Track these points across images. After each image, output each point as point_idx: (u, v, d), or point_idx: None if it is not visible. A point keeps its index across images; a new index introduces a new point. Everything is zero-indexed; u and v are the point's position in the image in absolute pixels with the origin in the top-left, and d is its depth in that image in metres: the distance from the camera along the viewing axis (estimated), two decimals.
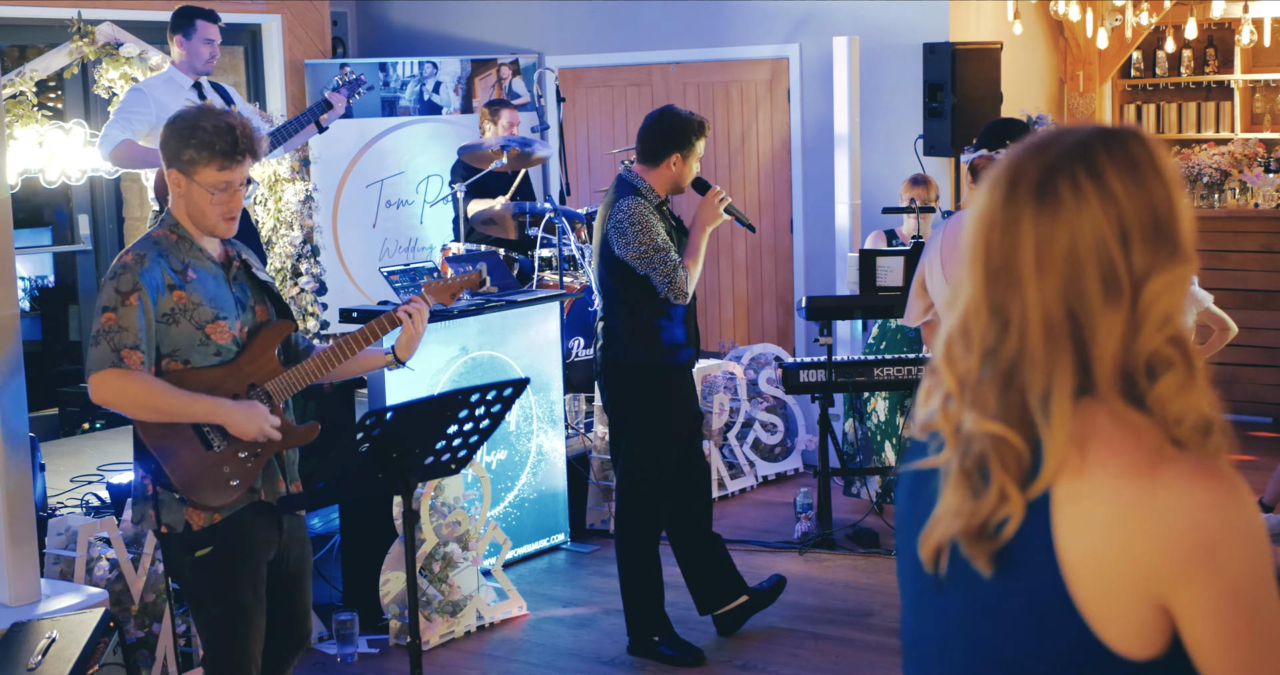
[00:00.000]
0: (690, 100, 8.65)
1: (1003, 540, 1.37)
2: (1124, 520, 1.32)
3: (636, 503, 4.88)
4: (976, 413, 1.39)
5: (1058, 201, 1.36)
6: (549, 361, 6.05)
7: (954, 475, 1.41)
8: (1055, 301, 1.36)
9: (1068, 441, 1.35)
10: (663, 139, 4.75)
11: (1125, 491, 1.32)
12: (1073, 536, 1.34)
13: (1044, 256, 1.36)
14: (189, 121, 3.29)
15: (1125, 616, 1.33)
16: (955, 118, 7.25)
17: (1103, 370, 1.36)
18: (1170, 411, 1.35)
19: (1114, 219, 1.35)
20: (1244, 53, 9.07)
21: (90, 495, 5.60)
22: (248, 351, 3.39)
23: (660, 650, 4.88)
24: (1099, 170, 1.36)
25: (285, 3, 8.62)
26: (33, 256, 8.29)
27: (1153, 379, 1.36)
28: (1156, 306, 1.35)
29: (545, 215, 6.93)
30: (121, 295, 3.24)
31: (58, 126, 6.40)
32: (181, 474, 3.28)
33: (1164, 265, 1.36)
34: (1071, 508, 1.34)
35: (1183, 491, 1.31)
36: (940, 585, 1.46)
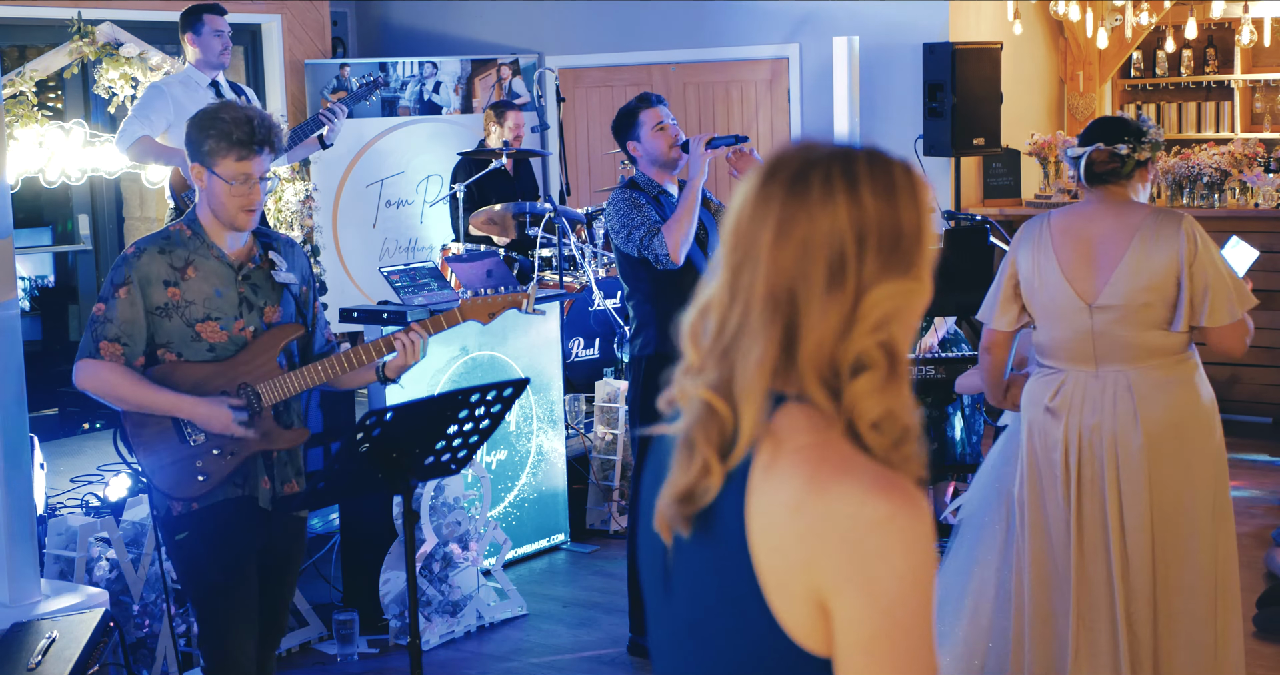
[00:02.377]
0: (690, 100, 8.65)
1: (700, 505, 1.43)
2: (798, 518, 1.37)
3: None
4: (697, 381, 1.46)
5: (807, 192, 1.43)
6: (549, 361, 6.05)
7: (678, 446, 1.47)
8: (781, 277, 1.42)
9: (760, 413, 1.41)
10: (616, 136, 4.81)
11: (804, 491, 1.37)
12: (759, 520, 1.39)
13: (781, 235, 1.43)
14: (209, 113, 3.37)
15: (797, 609, 1.38)
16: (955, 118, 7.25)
17: (806, 353, 1.42)
18: (859, 408, 1.41)
19: (855, 221, 1.42)
20: (1244, 53, 9.07)
21: (90, 495, 5.59)
22: (247, 351, 3.41)
23: None
24: (855, 177, 1.44)
25: (285, 3, 8.63)
26: (33, 256, 8.29)
27: (854, 377, 1.42)
28: (876, 310, 1.41)
29: (545, 215, 6.93)
30: (114, 287, 3.36)
31: (58, 126, 6.40)
32: (152, 462, 3.39)
33: (893, 277, 1.42)
34: (762, 492, 1.40)
35: (853, 501, 1.36)
36: (668, 565, 1.52)
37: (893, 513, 1.36)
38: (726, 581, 1.42)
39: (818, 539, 1.36)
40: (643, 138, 4.74)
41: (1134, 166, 3.73)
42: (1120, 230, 3.66)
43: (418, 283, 5.51)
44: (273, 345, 3.44)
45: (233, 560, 3.42)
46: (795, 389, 1.43)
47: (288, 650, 4.97)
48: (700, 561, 1.46)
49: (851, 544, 1.35)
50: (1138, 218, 3.68)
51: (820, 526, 1.36)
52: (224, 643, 3.42)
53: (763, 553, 1.39)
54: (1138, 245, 3.64)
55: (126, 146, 5.98)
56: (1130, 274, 3.63)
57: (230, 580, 3.41)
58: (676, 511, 1.46)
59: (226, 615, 3.42)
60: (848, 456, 1.40)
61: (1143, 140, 3.73)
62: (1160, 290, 3.62)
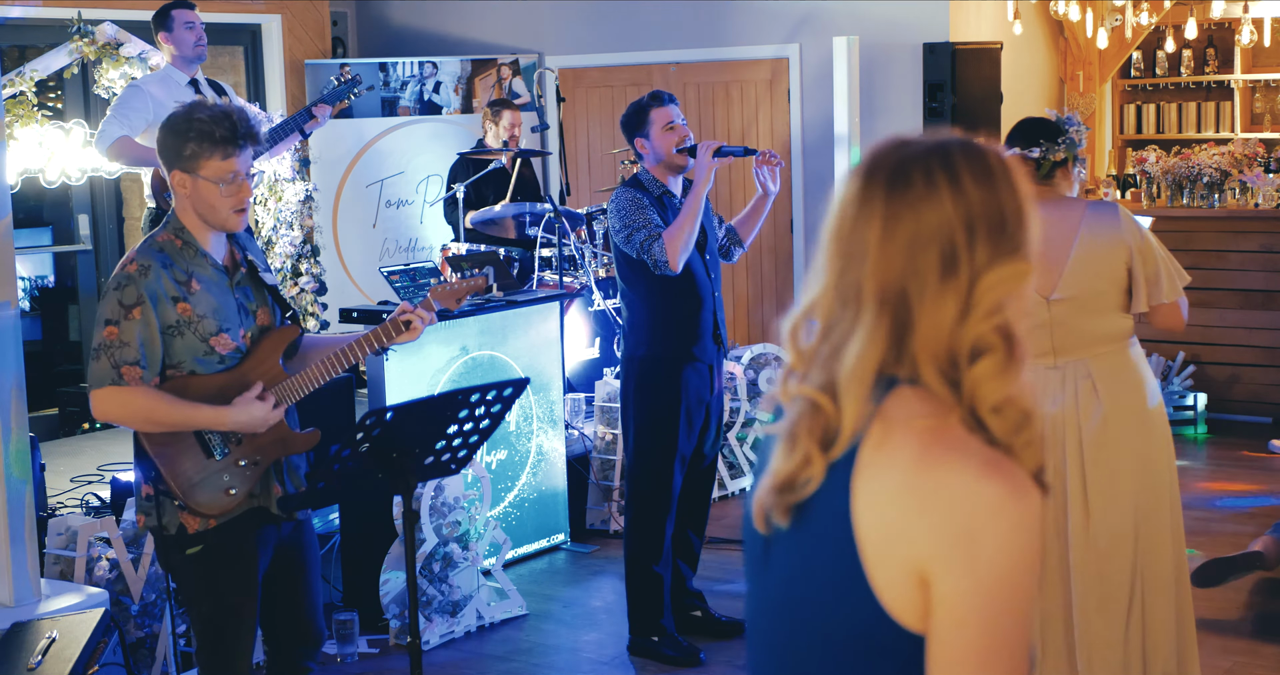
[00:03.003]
0: (690, 100, 8.65)
1: (802, 495, 1.47)
2: (907, 494, 1.40)
3: (636, 501, 4.88)
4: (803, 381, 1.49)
5: (909, 188, 1.46)
6: (549, 361, 6.05)
7: (778, 443, 1.50)
8: (892, 275, 1.44)
9: (863, 406, 1.43)
10: (624, 131, 4.80)
11: (914, 468, 1.40)
12: (865, 504, 1.42)
13: (889, 233, 1.45)
14: (183, 117, 3.24)
15: (897, 584, 1.41)
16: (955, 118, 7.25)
17: (923, 345, 1.44)
18: (980, 394, 1.43)
19: (963, 211, 1.44)
20: (1244, 53, 9.07)
21: (90, 495, 5.60)
22: (251, 357, 3.36)
23: (660, 650, 4.88)
24: (955, 168, 1.46)
25: (285, 3, 8.63)
26: (33, 256, 8.29)
27: (972, 363, 1.43)
28: (990, 295, 1.43)
29: (545, 215, 6.93)
30: (125, 308, 3.21)
31: (58, 126, 6.40)
32: (182, 481, 3.27)
33: (1004, 260, 1.44)
34: (868, 476, 1.42)
35: (964, 481, 1.38)
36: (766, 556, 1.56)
37: (1003, 495, 1.38)
38: (827, 561, 1.45)
39: (925, 515, 1.39)
40: (651, 135, 4.72)
41: (1051, 167, 3.88)
42: (1064, 224, 3.79)
43: (418, 283, 5.51)
44: (275, 349, 3.39)
45: (247, 576, 3.36)
46: (908, 374, 1.46)
47: None
48: (800, 544, 1.49)
49: (959, 522, 1.37)
50: (1077, 210, 3.82)
51: (929, 503, 1.39)
52: (232, 663, 3.37)
53: (867, 528, 1.41)
54: (1085, 236, 3.77)
55: (105, 147, 5.90)
56: (1083, 264, 3.76)
57: (243, 599, 3.35)
58: (776, 501, 1.48)
59: (236, 634, 3.36)
60: (962, 438, 1.42)
61: (1059, 142, 3.86)
62: (1113, 276, 3.78)
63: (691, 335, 4.75)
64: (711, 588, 5.46)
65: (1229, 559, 5.08)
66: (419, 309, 3.51)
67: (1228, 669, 4.62)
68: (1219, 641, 4.82)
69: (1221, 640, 4.84)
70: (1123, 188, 8.94)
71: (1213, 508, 6.46)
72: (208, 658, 3.39)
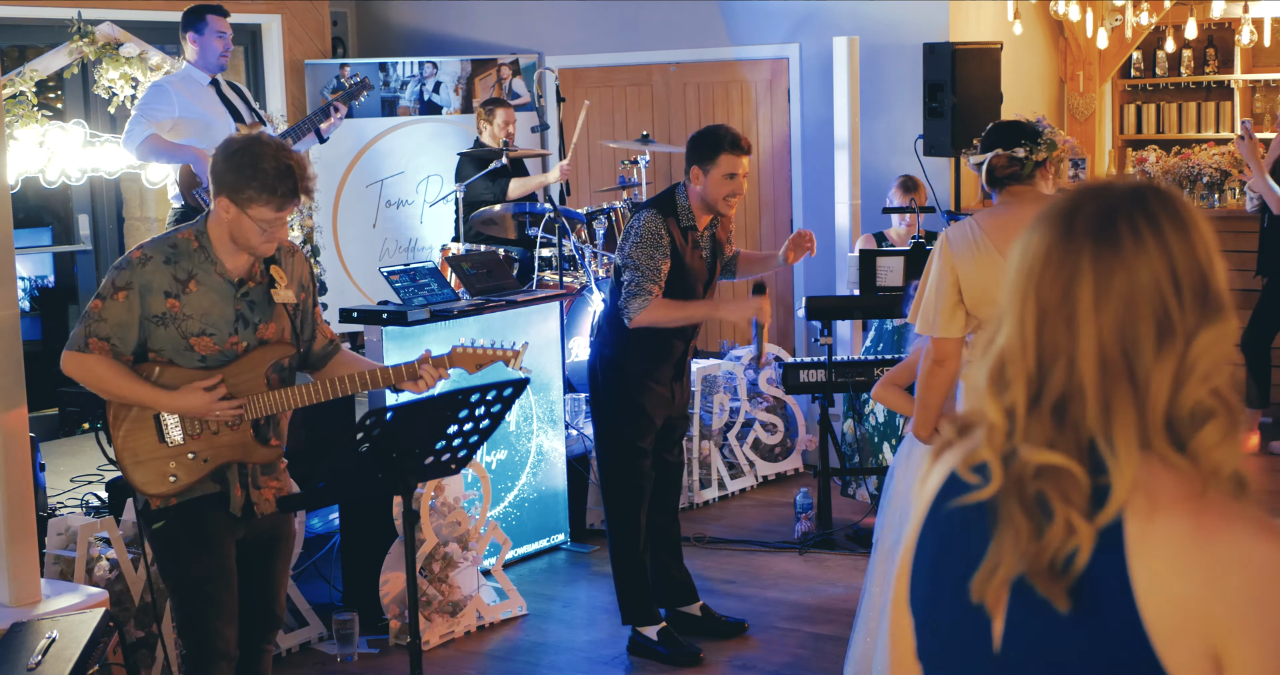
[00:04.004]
0: (690, 100, 8.65)
1: (1075, 573, 1.37)
2: (1189, 570, 1.34)
3: (608, 493, 4.92)
4: (1030, 445, 1.39)
5: (1118, 243, 1.38)
6: (549, 361, 6.05)
7: (1012, 510, 1.40)
8: (1111, 341, 1.37)
9: (1134, 479, 1.36)
10: (689, 151, 4.73)
11: (1191, 542, 1.34)
12: (1147, 578, 1.35)
13: (1101, 294, 1.37)
14: (249, 158, 3.34)
15: (1192, 664, 1.34)
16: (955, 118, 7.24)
17: (1154, 414, 1.37)
18: (1210, 461, 1.37)
19: (1168, 268, 1.37)
20: (1244, 53, 9.07)
21: (90, 495, 5.60)
22: (236, 364, 3.47)
23: (658, 649, 4.88)
24: (1156, 218, 1.38)
25: (285, 3, 8.62)
26: (33, 256, 8.29)
27: (1196, 429, 1.37)
28: (1204, 359, 1.37)
29: (545, 215, 6.93)
30: (115, 289, 3.41)
31: (58, 126, 6.40)
32: (128, 455, 3.47)
33: (1212, 319, 1.38)
34: (1144, 549, 1.35)
35: (1245, 548, 1.34)
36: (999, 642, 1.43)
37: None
38: (1109, 647, 1.37)
39: (1212, 589, 1.33)
40: (710, 174, 4.67)
41: (1033, 167, 3.92)
42: None
43: (418, 283, 5.51)
44: (262, 362, 3.49)
45: (210, 553, 3.49)
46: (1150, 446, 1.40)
47: (287, 650, 4.97)
48: (1068, 631, 1.38)
49: (1249, 591, 1.33)
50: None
51: (1213, 576, 1.33)
52: (201, 632, 3.49)
53: (1154, 607, 1.35)
54: None
55: (135, 145, 5.99)
56: None
57: (207, 572, 3.47)
58: (1049, 585, 1.38)
59: (203, 606, 3.48)
60: (1224, 503, 1.36)
61: (1039, 142, 3.91)
62: None
63: (659, 358, 4.79)
64: (712, 588, 5.46)
65: None
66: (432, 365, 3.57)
67: None
68: None
69: None
70: None
71: None
72: (180, 626, 3.59)
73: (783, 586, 5.61)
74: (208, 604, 3.47)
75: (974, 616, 1.44)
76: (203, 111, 6.07)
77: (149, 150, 5.99)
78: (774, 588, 5.60)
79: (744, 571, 5.79)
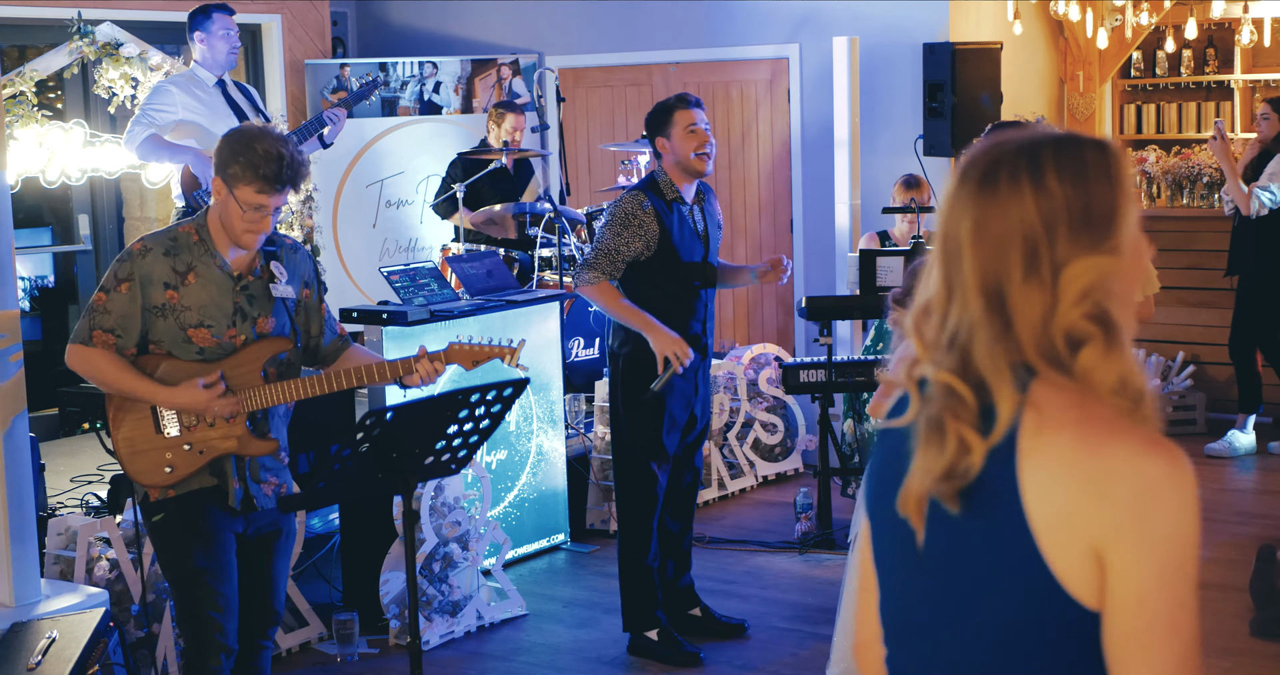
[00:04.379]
0: None
1: (965, 481, 1.52)
2: (1074, 478, 1.47)
3: (622, 497, 4.91)
4: (932, 370, 1.56)
5: (996, 187, 1.55)
6: (549, 361, 6.05)
7: (921, 431, 1.56)
8: (987, 272, 1.53)
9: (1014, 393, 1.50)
10: (647, 129, 4.83)
11: (1077, 453, 1.47)
12: (1034, 490, 1.48)
13: (978, 231, 1.54)
14: (246, 139, 3.46)
15: (1075, 564, 1.47)
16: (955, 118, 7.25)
17: (1025, 337, 1.52)
18: (1094, 379, 1.50)
19: (1044, 210, 1.52)
20: (1244, 53, 9.06)
21: (90, 495, 5.60)
22: (234, 357, 3.50)
23: (659, 650, 4.88)
24: (1040, 166, 1.54)
25: (285, 3, 8.62)
26: (33, 256, 8.29)
27: (1075, 351, 1.51)
28: (1073, 285, 1.50)
29: (545, 215, 6.93)
30: (117, 281, 3.47)
31: (58, 126, 6.40)
32: (124, 446, 3.51)
33: (1087, 252, 1.52)
34: (1033, 462, 1.49)
35: (1128, 459, 1.46)
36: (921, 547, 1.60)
37: (1168, 471, 1.45)
38: (1001, 546, 1.50)
39: (1096, 496, 1.45)
40: (673, 136, 4.73)
41: None
42: None
43: (418, 283, 5.51)
44: (259, 356, 3.52)
45: (208, 545, 3.50)
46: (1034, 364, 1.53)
47: (287, 650, 4.97)
48: (969, 532, 1.53)
49: (1129, 500, 1.45)
50: None
51: (1098, 484, 1.45)
52: (199, 624, 3.50)
53: (1039, 513, 1.47)
54: None
55: (136, 145, 5.98)
56: None
57: (206, 564, 3.49)
58: (943, 489, 1.53)
59: (202, 597, 3.49)
60: (1112, 419, 1.49)
61: None
62: None
63: (681, 336, 4.74)
64: (712, 588, 5.46)
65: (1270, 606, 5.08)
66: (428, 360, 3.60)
67: (1228, 669, 4.62)
68: (1219, 641, 4.82)
69: (1221, 640, 4.83)
70: None
71: (1213, 509, 6.46)
72: (179, 618, 3.60)
73: (783, 586, 5.61)
74: (207, 596, 3.49)
75: (903, 526, 1.61)
76: (206, 112, 6.05)
77: (149, 150, 6.00)
78: (774, 588, 5.60)
79: (744, 571, 5.79)
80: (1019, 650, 1.51)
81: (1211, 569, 5.48)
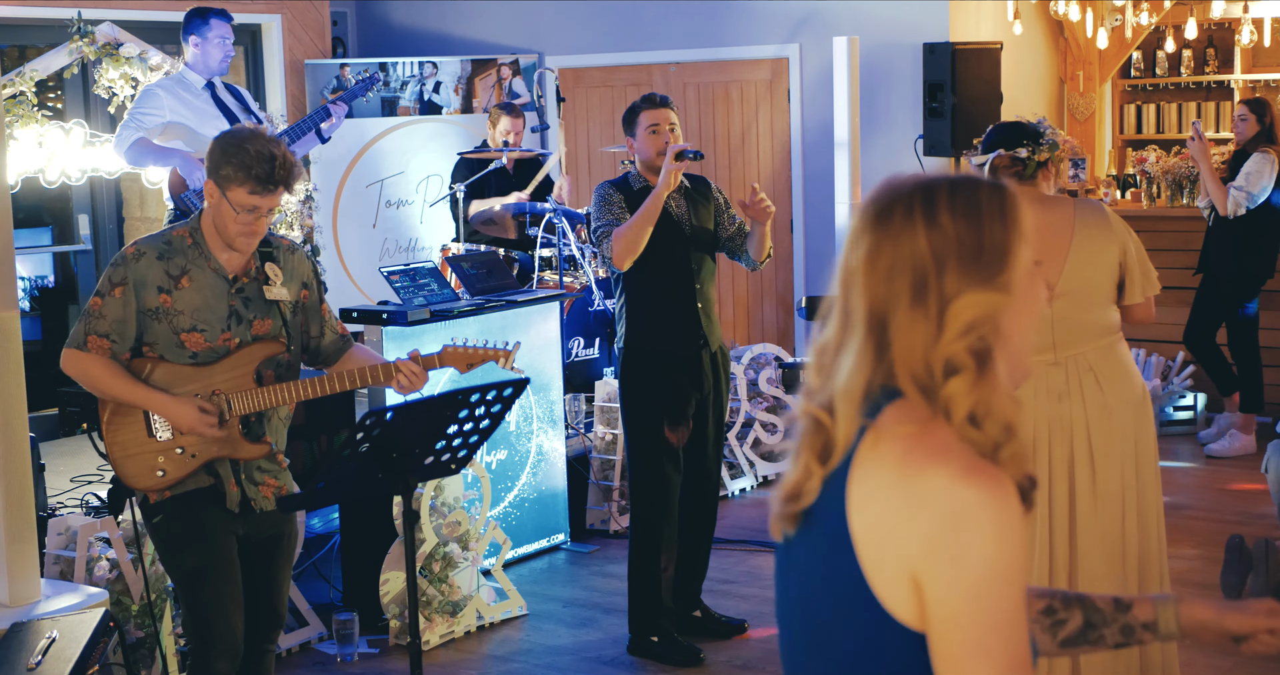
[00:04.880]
0: (690, 100, 8.65)
1: (802, 505, 1.58)
2: (892, 498, 1.49)
3: (631, 496, 4.91)
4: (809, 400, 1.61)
5: (890, 222, 1.58)
6: (549, 361, 6.05)
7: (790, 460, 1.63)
8: (875, 301, 1.57)
9: (854, 419, 1.55)
10: (624, 130, 4.92)
11: (898, 473, 1.50)
12: (857, 508, 1.52)
13: (870, 262, 1.58)
14: (237, 140, 3.44)
15: (894, 585, 1.49)
16: (955, 118, 7.25)
17: (900, 362, 1.55)
18: (956, 409, 1.52)
19: (935, 244, 1.55)
20: (1244, 53, 9.06)
21: (90, 495, 5.60)
22: (227, 360, 3.49)
23: (659, 650, 4.88)
24: (934, 205, 1.57)
25: (285, 3, 8.63)
26: (33, 256, 8.29)
27: (945, 379, 1.53)
28: (958, 319, 1.53)
29: (545, 215, 6.93)
30: (112, 284, 3.46)
31: (58, 126, 6.40)
32: (117, 450, 3.52)
33: (975, 288, 1.55)
34: (859, 480, 1.52)
35: (942, 484, 1.47)
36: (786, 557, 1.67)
37: (981, 496, 1.46)
38: (830, 565, 1.54)
39: (910, 517, 1.47)
40: (637, 136, 4.84)
41: (1035, 168, 3.99)
42: (1059, 220, 3.91)
43: (418, 283, 5.51)
44: (252, 359, 3.52)
45: (208, 544, 3.51)
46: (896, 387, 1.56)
47: (288, 650, 4.97)
48: (807, 550, 1.58)
49: (940, 525, 1.46)
50: (1068, 207, 3.94)
51: (912, 505, 1.47)
52: (202, 624, 3.50)
53: (860, 531, 1.50)
54: (1081, 232, 3.89)
55: (124, 149, 5.95)
56: (1083, 259, 3.87)
57: (208, 564, 3.49)
58: (782, 510, 1.60)
59: (205, 598, 3.49)
60: (944, 443, 1.51)
61: (1040, 142, 3.99)
62: (1108, 270, 3.92)
63: (670, 328, 4.77)
64: (712, 588, 5.46)
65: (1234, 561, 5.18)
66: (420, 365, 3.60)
67: (1227, 669, 4.61)
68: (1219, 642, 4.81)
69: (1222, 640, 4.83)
70: (1123, 188, 8.94)
71: (1213, 508, 6.46)
72: (183, 619, 3.61)
73: None
74: (210, 596, 3.49)
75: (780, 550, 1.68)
76: (194, 115, 5.99)
77: (137, 154, 5.95)
78: (774, 588, 5.59)
79: (744, 571, 5.79)
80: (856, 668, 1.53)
81: (1211, 569, 5.48)
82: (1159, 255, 7.44)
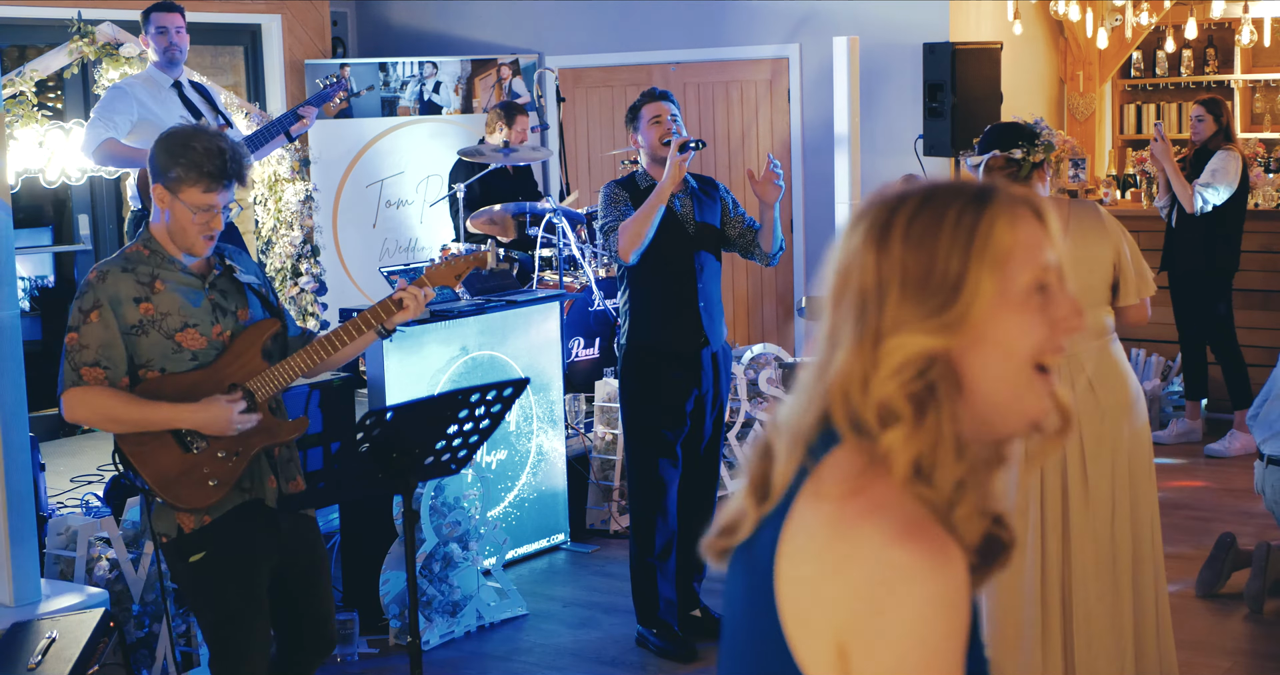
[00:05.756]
0: (690, 100, 8.65)
1: (734, 542, 1.44)
2: (822, 558, 1.32)
3: (630, 491, 4.92)
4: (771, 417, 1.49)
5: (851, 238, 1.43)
6: (549, 361, 6.05)
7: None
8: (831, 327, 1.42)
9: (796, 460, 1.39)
10: (627, 128, 4.96)
11: (829, 530, 1.33)
12: (788, 557, 1.35)
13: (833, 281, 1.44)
14: (181, 140, 3.31)
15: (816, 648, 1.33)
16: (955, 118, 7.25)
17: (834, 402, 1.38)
18: (895, 462, 1.34)
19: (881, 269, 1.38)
20: (1244, 53, 9.07)
21: (90, 495, 5.60)
22: (228, 352, 3.38)
23: (653, 643, 4.90)
24: (890, 223, 1.40)
25: (285, 3, 8.63)
26: (33, 256, 8.29)
27: (884, 427, 1.35)
28: (894, 356, 1.35)
29: (545, 215, 6.93)
30: (83, 313, 3.28)
31: (58, 126, 6.40)
32: (160, 478, 3.29)
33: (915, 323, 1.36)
34: (792, 537, 1.36)
35: (871, 547, 1.30)
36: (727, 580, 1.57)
37: (914, 561, 1.28)
38: (754, 614, 1.39)
39: (838, 581, 1.30)
40: (641, 129, 4.87)
41: (1030, 168, 3.99)
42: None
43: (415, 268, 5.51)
44: (254, 342, 3.41)
45: (249, 580, 3.38)
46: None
47: None
48: (735, 590, 1.45)
49: (867, 587, 1.29)
50: (1062, 209, 3.95)
51: (837, 566, 1.31)
52: (237, 664, 3.38)
53: (787, 591, 1.34)
54: (1075, 232, 3.90)
55: (91, 150, 5.82)
56: (1079, 260, 3.87)
57: (249, 606, 3.37)
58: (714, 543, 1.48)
59: (243, 638, 3.37)
60: (881, 498, 1.33)
61: (1036, 143, 3.99)
62: (1103, 271, 3.93)
63: (671, 327, 4.78)
64: (712, 587, 5.46)
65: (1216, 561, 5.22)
66: (412, 287, 3.56)
67: (1227, 669, 4.62)
68: (1219, 642, 4.82)
69: (1221, 640, 4.84)
70: (1122, 188, 8.94)
71: (1212, 508, 6.46)
72: (217, 664, 3.41)
73: None
74: (249, 636, 3.36)
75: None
76: (160, 113, 5.89)
77: (105, 155, 5.82)
78: None
79: None
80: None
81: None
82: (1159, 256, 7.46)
